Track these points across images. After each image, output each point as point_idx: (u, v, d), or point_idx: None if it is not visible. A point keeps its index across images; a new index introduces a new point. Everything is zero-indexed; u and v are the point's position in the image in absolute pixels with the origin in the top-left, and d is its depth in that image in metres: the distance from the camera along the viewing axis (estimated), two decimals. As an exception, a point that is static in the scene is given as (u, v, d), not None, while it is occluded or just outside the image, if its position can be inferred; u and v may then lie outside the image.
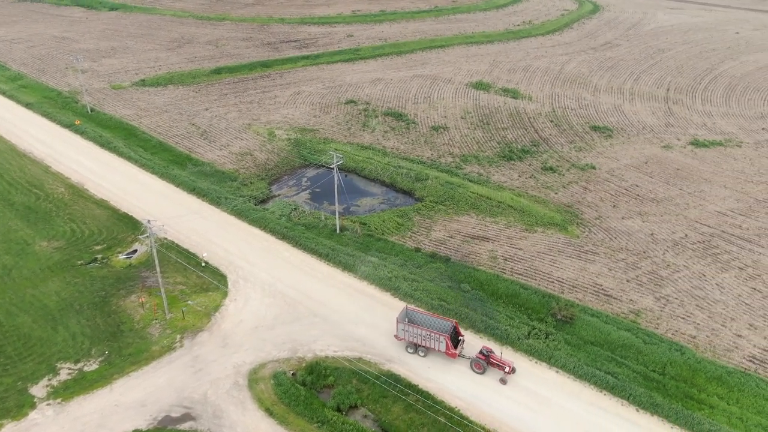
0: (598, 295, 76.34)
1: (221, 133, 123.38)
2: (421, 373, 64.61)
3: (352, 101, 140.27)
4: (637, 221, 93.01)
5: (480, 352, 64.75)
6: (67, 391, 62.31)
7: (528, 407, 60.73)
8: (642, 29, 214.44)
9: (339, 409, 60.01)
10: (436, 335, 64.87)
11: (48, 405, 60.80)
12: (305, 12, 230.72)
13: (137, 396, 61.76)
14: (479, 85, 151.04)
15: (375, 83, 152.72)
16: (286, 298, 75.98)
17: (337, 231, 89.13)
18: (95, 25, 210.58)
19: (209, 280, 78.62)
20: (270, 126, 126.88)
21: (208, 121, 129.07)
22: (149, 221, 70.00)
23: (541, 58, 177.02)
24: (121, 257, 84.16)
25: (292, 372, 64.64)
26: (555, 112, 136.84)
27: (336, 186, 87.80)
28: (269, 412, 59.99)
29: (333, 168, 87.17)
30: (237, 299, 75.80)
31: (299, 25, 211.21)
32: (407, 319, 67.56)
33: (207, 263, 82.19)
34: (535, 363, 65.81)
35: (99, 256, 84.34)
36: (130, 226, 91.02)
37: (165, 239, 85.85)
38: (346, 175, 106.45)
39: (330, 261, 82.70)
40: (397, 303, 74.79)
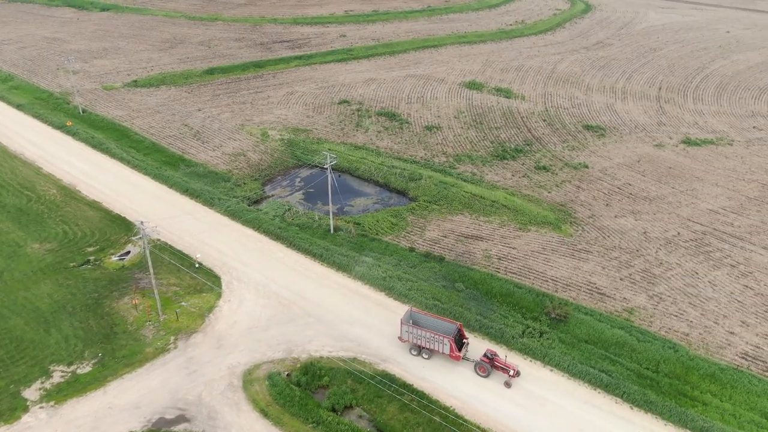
0: (591, 294, 76.65)
1: (214, 134, 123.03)
2: (416, 373, 64.65)
3: (345, 101, 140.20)
4: (630, 220, 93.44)
5: (484, 355, 64.02)
6: (60, 394, 61.96)
7: (523, 406, 60.89)
8: (634, 28, 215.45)
9: (334, 410, 59.98)
10: (440, 337, 64.29)
11: (41, 408, 60.44)
12: (298, 12, 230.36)
13: (131, 398, 61.49)
14: (472, 85, 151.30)
15: (368, 83, 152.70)
16: (280, 298, 75.86)
17: (331, 231, 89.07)
18: (86, 26, 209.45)
19: (203, 281, 78.38)
20: (263, 126, 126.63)
21: (200, 122, 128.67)
22: (142, 222, 69.67)
23: (534, 57, 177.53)
24: (114, 259, 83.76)
25: (286, 373, 64.55)
26: (548, 111, 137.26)
27: (330, 186, 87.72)
28: (264, 413, 59.88)
29: (326, 168, 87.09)
30: (231, 300, 75.61)
31: (292, 26, 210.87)
32: (411, 321, 67.09)
33: (201, 264, 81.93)
34: (530, 362, 66.00)
35: (92, 257, 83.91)
36: (122, 227, 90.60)
37: (158, 240, 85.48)
38: (339, 176, 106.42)
39: (324, 261, 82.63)
40: (392, 303, 74.88)
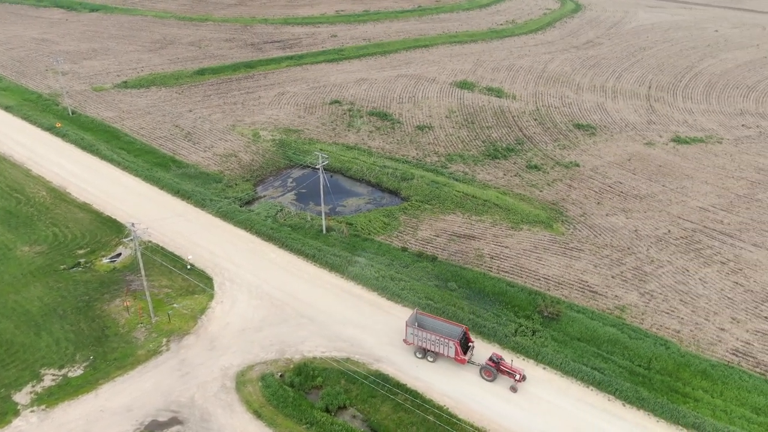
0: (583, 292, 76.98)
1: (205, 135, 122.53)
2: (410, 372, 64.67)
3: (336, 101, 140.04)
4: (621, 218, 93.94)
5: (490, 359, 63.44)
6: (52, 398, 61.51)
7: (516, 404, 61.07)
8: (623, 28, 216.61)
9: (328, 410, 59.91)
10: (445, 340, 63.92)
11: (32, 412, 59.97)
12: (288, 12, 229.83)
13: (123, 401, 61.13)
14: (463, 85, 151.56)
15: (359, 83, 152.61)
16: (273, 299, 75.67)
17: (324, 231, 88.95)
18: (75, 27, 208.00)
19: (195, 282, 78.04)
20: (254, 127, 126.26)
21: (191, 123, 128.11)
22: (133, 224, 69.30)
23: (525, 57, 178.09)
24: (105, 261, 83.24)
25: (280, 373, 64.40)
26: (539, 110, 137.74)
27: (322, 186, 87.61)
28: (257, 414, 59.73)
29: (318, 168, 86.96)
30: (223, 301, 75.34)
31: (282, 26, 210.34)
32: (417, 324, 66.70)
33: (192, 266, 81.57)
34: (523, 360, 66.17)
35: (82, 260, 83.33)
36: (113, 229, 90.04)
37: (149, 242, 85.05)
38: (331, 176, 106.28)
39: (317, 262, 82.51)
40: (385, 303, 74.91)
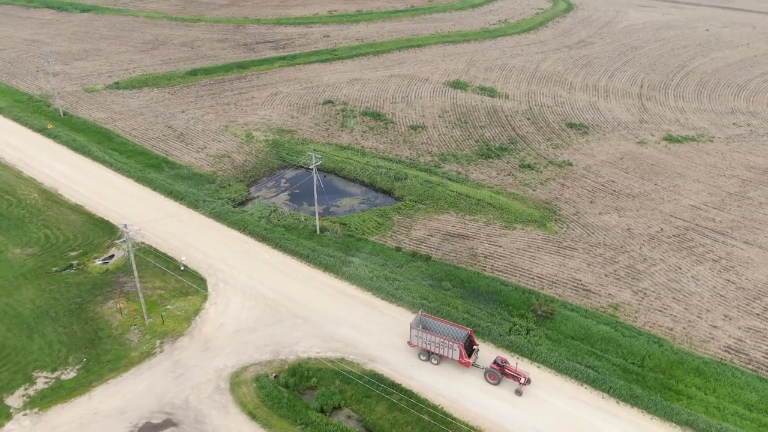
0: (577, 290, 77.24)
1: (198, 136, 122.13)
2: (404, 372, 64.67)
3: (329, 101, 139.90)
4: (614, 216, 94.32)
5: (494, 362, 63.05)
6: (45, 401, 61.12)
7: (511, 403, 61.20)
8: (615, 27, 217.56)
9: (322, 411, 59.82)
10: (449, 343, 63.57)
11: (24, 415, 59.56)
12: (281, 12, 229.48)
13: (117, 403, 60.82)
14: (456, 84, 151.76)
15: (352, 83, 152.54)
16: (267, 300, 75.51)
17: (317, 232, 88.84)
18: (66, 28, 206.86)
19: (188, 284, 77.76)
20: (247, 127, 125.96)
21: (184, 124, 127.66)
22: (126, 225, 68.90)
23: (517, 56, 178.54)
24: (98, 263, 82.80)
25: (274, 374, 64.27)
26: (532, 109, 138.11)
27: (315, 187, 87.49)
28: (252, 415, 59.57)
29: (312, 169, 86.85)
30: (217, 302, 75.09)
31: (275, 26, 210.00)
32: (421, 326, 66.31)
33: (186, 267, 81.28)
34: (517, 359, 66.26)
35: (75, 262, 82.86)
36: (106, 230, 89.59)
37: (142, 244, 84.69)
38: (325, 176, 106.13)
39: (311, 262, 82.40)
40: (379, 302, 74.89)
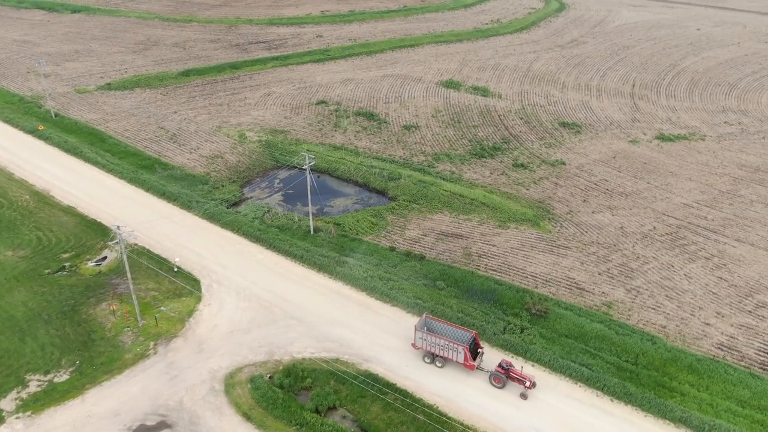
0: (571, 289, 77.50)
1: (191, 136, 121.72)
2: (399, 372, 64.71)
3: (322, 102, 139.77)
4: (607, 215, 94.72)
5: (499, 365, 62.66)
6: (38, 404, 60.75)
7: (505, 401, 61.32)
8: (607, 27, 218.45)
9: (317, 411, 59.76)
10: (454, 345, 63.13)
11: (17, 419, 59.18)
12: (273, 13, 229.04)
13: (110, 406, 60.53)
14: (449, 84, 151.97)
15: (345, 83, 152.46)
16: (261, 301, 75.35)
17: (311, 232, 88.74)
18: (57, 28, 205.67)
19: (182, 285, 77.49)
20: (240, 128, 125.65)
21: (177, 125, 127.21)
22: (119, 227, 68.54)
23: (510, 56, 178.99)
24: (91, 264, 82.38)
25: (269, 375, 64.15)
26: (524, 109, 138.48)
27: (309, 187, 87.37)
28: (247, 416, 59.43)
29: (305, 169, 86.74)
30: (211, 304, 74.88)
31: (268, 26, 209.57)
32: (426, 328, 65.85)
33: (179, 268, 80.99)
34: (512, 357, 66.42)
35: (67, 264, 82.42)
36: (98, 232, 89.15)
37: (135, 245, 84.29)
38: (318, 176, 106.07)
39: (304, 262, 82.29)
40: (373, 302, 74.89)
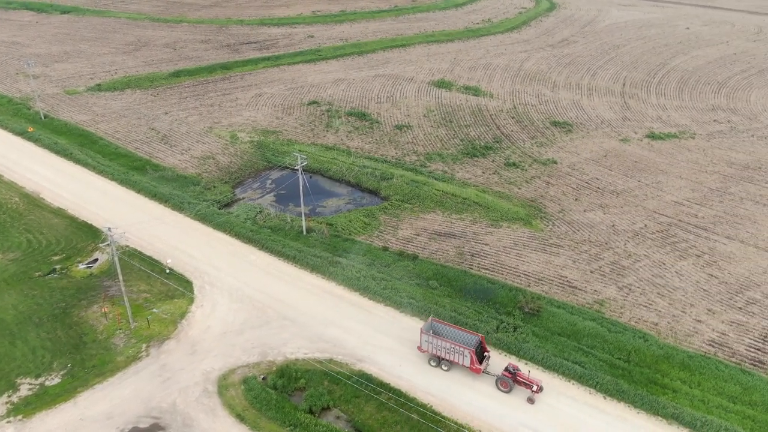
0: (563, 287, 77.79)
1: (182, 137, 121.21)
2: (393, 372, 64.69)
3: (314, 102, 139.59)
4: (599, 213, 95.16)
5: (506, 369, 62.05)
6: (29, 407, 60.27)
7: (499, 400, 61.46)
8: (597, 26, 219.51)
9: (311, 412, 59.63)
10: (460, 349, 62.75)
11: (8, 423, 58.68)
12: (264, 13, 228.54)
13: (103, 408, 60.16)
14: (441, 84, 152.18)
15: (337, 83, 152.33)
16: (253, 302, 75.14)
17: (304, 233, 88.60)
18: (46, 29, 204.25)
19: (174, 286, 77.15)
20: (232, 129, 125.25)
21: (168, 126, 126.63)
22: (110, 229, 68.16)
23: (501, 55, 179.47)
24: (82, 267, 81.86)
25: (262, 376, 63.98)
26: (516, 108, 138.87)
27: (301, 187, 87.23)
28: (240, 418, 59.24)
29: (297, 169, 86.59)
30: (204, 305, 74.59)
31: (259, 27, 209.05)
32: (431, 331, 65.52)
33: (171, 270, 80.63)
34: (505, 356, 66.60)
35: (58, 266, 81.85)
36: (89, 234, 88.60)
37: (127, 247, 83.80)
38: (311, 177, 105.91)
39: (297, 263, 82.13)
40: (367, 302, 74.86)
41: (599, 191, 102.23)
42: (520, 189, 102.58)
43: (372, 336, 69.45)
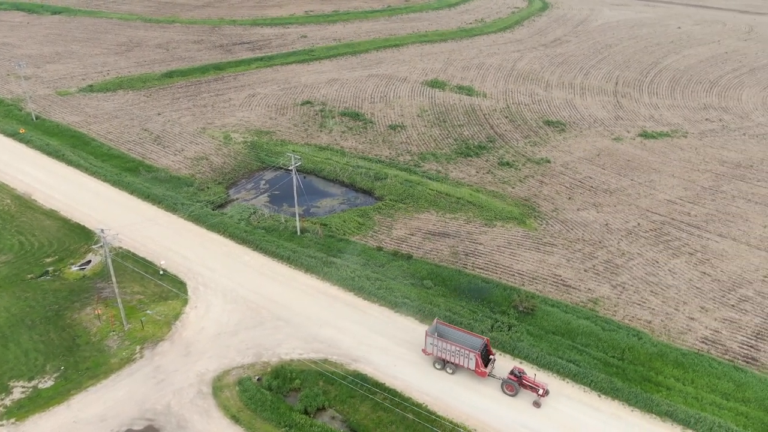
0: (557, 286, 78.01)
1: (175, 138, 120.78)
2: (388, 371, 64.70)
3: (308, 102, 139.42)
4: (592, 212, 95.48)
5: (511, 372, 61.96)
6: (22, 410, 59.93)
7: (494, 399, 61.60)
8: (589, 25, 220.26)
9: (306, 412, 59.59)
10: (466, 351, 62.44)
11: (1, 426, 58.30)
12: (257, 13, 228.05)
13: (96, 411, 59.88)
14: (434, 84, 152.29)
15: (331, 83, 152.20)
16: (248, 302, 74.97)
17: (298, 233, 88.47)
18: (38, 30, 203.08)
19: (168, 288, 76.87)
20: (225, 129, 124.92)
21: (160, 126, 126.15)
22: (103, 230, 67.84)
23: (494, 55, 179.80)
24: (74, 269, 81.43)
25: (257, 377, 63.85)
26: (509, 108, 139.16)
27: (295, 188, 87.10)
28: (235, 419, 59.11)
29: (291, 170, 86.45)
30: (198, 306, 74.36)
31: (251, 27, 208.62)
32: (437, 334, 65.28)
33: (165, 271, 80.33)
34: (500, 355, 66.70)
35: (50, 268, 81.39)
36: (82, 236, 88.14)
37: (120, 248, 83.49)
38: (304, 177, 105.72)
39: (291, 263, 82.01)
40: (361, 302, 74.84)
41: (592, 190, 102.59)
42: (513, 188, 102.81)
43: (367, 336, 69.45)
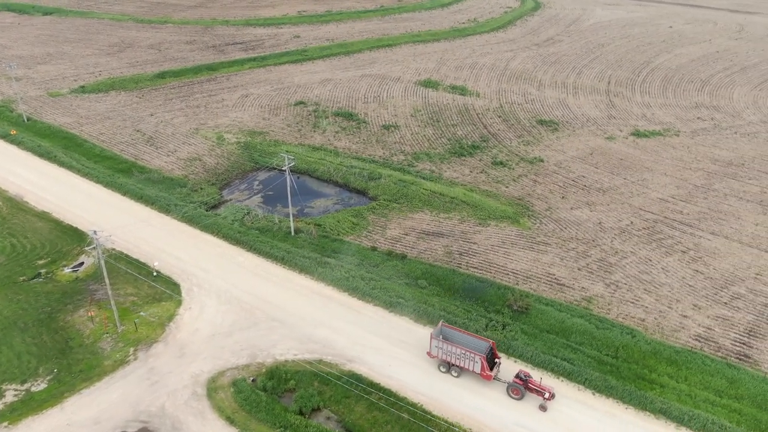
0: (551, 285, 78.23)
1: (168, 139, 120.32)
2: (383, 371, 64.68)
3: (301, 102, 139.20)
4: (586, 211, 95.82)
5: (517, 376, 61.57)
6: (14, 414, 59.53)
7: (489, 398, 61.68)
8: (582, 25, 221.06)
9: (302, 413, 59.50)
10: (471, 354, 62.05)
11: (-6, 429, 58.06)
12: (250, 14, 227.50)
13: (90, 413, 59.57)
14: (428, 83, 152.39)
15: (324, 84, 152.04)
16: (242, 303, 74.78)
17: (292, 233, 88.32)
18: (29, 31, 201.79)
19: (162, 289, 76.57)
20: (218, 130, 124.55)
21: (153, 127, 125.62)
22: (95, 232, 67.49)
23: (487, 55, 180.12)
24: (67, 271, 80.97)
25: (252, 378, 63.69)
26: (502, 107, 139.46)
27: (289, 188, 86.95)
28: (230, 420, 58.95)
29: (285, 170, 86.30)
30: (192, 307, 74.11)
31: (244, 27, 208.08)
32: (442, 336, 64.94)
33: (159, 272, 80.00)
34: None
35: (43, 270, 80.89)
36: (75, 238, 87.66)
37: (113, 250, 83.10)
38: (298, 177, 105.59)
39: (286, 264, 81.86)
40: (356, 302, 74.79)
41: (586, 189, 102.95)
42: (507, 187, 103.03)
43: (361, 336, 69.41)
